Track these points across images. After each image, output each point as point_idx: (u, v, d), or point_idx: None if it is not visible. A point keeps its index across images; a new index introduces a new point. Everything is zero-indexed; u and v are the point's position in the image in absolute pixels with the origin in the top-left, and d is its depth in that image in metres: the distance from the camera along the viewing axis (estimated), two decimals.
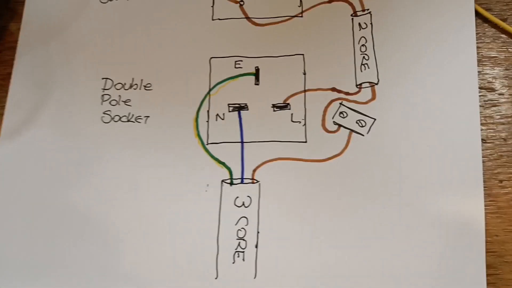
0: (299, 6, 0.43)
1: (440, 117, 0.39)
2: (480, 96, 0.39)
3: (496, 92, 0.40)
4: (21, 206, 0.41)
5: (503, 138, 0.39)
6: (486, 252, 0.36)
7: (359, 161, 0.39)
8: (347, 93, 0.41)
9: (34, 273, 0.39)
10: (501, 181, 0.38)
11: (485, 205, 0.37)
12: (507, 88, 0.40)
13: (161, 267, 0.38)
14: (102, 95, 0.43)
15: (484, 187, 0.37)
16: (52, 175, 0.42)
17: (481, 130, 0.39)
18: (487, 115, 0.40)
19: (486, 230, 0.36)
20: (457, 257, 0.36)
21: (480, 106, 0.39)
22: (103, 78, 0.44)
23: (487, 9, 0.42)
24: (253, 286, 0.38)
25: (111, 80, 0.43)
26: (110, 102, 0.43)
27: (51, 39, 0.45)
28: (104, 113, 0.43)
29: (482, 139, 0.39)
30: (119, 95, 0.43)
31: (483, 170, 0.38)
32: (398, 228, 0.38)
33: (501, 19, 0.41)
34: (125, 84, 0.43)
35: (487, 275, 0.36)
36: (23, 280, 0.39)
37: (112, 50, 0.44)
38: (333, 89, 0.41)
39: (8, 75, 0.45)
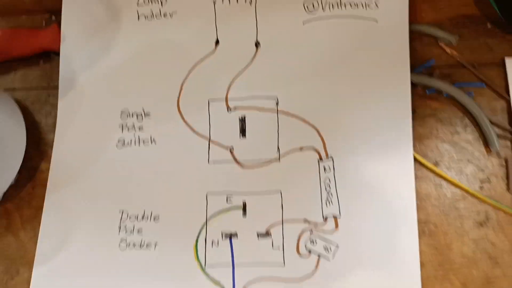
0: (277, 152, 0.55)
1: (385, 247, 0.50)
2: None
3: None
4: None
5: None
6: None
7: (327, 282, 0.50)
8: (315, 224, 0.52)
9: None
10: None
11: None
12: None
13: None
14: (119, 226, 0.54)
15: None
16: None
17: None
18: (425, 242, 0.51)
19: None
20: None
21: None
22: (120, 211, 0.54)
23: (424, 156, 0.54)
24: None
25: (127, 212, 0.54)
26: (126, 231, 0.53)
27: (76, 178, 0.56)
28: (121, 241, 0.53)
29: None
30: (133, 225, 0.54)
31: None
32: None
33: (433, 164, 0.53)
34: (138, 216, 0.54)
35: None
36: None
37: (126, 188, 0.55)
38: (305, 221, 0.52)
39: (40, 208, 0.55)
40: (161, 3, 0.59)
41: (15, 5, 0.62)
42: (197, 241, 0.52)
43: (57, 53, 0.59)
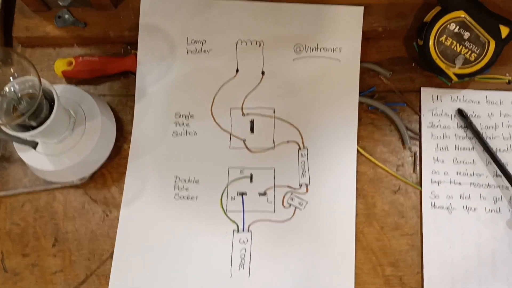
0: (272, 143, 0.88)
1: (335, 204, 0.84)
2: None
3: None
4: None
5: None
6: None
7: (299, 223, 0.82)
8: (294, 188, 0.86)
9: None
10: None
11: None
12: None
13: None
14: (174, 185, 0.87)
15: None
16: (151, 230, 0.86)
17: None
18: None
19: None
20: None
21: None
22: (174, 176, 0.88)
23: (363, 148, 0.87)
24: (249, 284, 0.82)
25: (178, 177, 0.87)
26: (178, 189, 0.87)
27: (146, 154, 0.88)
28: (175, 195, 0.87)
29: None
30: (183, 185, 0.86)
31: None
32: (314, 251, 0.82)
33: (369, 154, 0.87)
34: (186, 179, 0.87)
35: None
36: None
37: (178, 162, 0.85)
38: (288, 186, 0.86)
39: (124, 173, 0.89)
40: (202, 43, 0.90)
41: (103, 38, 0.91)
42: (222, 196, 0.83)
43: (133, 73, 0.85)
